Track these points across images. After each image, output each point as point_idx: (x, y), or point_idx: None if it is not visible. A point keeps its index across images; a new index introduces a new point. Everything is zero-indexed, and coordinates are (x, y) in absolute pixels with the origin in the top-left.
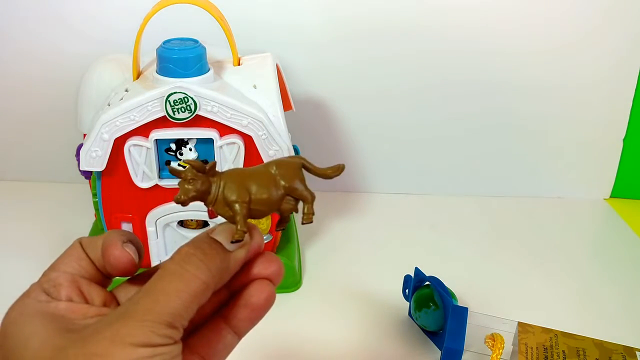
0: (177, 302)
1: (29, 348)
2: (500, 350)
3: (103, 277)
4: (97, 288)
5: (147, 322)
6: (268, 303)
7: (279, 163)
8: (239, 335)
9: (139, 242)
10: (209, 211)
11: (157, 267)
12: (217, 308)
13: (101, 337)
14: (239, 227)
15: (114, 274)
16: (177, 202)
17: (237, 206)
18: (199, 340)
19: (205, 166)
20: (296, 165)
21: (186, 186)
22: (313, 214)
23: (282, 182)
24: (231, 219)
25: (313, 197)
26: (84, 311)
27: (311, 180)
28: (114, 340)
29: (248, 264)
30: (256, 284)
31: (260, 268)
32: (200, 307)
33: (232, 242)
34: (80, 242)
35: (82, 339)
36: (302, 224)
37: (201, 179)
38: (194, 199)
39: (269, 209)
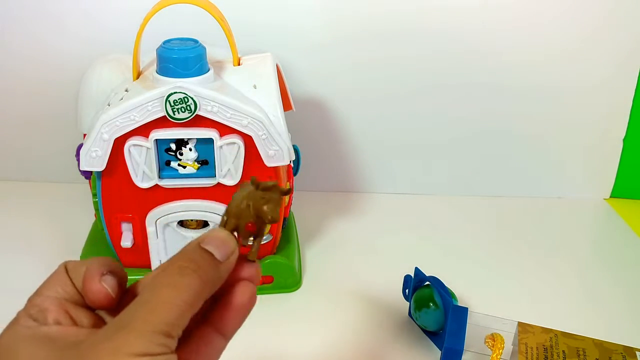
0: (173, 312)
1: None
2: (500, 350)
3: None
4: (84, 311)
5: (146, 333)
6: (251, 302)
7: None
8: (226, 337)
9: (122, 271)
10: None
11: (136, 286)
12: (202, 315)
13: (101, 349)
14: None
15: (94, 306)
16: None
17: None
18: (188, 348)
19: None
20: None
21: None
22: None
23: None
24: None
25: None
26: (74, 332)
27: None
28: (114, 352)
29: None
30: (239, 285)
31: (239, 271)
32: None
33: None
34: (65, 266)
35: (80, 354)
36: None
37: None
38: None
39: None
